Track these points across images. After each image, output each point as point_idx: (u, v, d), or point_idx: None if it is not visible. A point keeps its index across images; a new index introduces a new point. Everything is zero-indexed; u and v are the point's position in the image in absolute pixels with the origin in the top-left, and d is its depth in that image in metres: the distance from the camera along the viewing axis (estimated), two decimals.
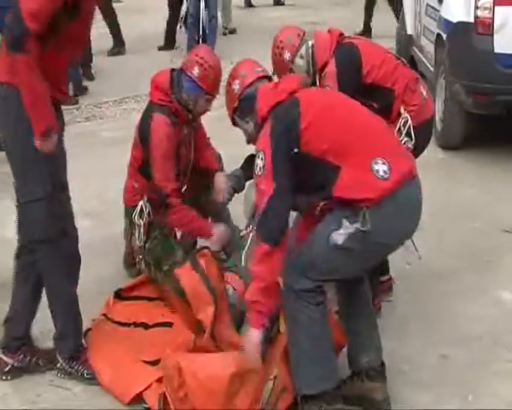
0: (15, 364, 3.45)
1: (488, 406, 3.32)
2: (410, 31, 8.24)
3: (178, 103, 4.02)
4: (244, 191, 4.33)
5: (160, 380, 3.27)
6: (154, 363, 3.40)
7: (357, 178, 2.95)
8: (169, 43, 10.10)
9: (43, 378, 3.47)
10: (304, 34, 4.03)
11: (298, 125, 2.99)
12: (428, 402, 3.34)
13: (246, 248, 4.03)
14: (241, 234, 4.30)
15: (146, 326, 3.76)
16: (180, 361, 3.10)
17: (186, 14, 9.64)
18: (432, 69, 6.92)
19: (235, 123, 3.41)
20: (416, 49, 7.92)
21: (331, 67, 3.84)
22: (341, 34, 3.97)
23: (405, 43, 8.42)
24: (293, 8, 13.24)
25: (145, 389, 3.29)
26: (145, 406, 3.27)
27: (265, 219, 3.00)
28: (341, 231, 2.94)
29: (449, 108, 6.24)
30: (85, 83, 8.54)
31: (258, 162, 3.02)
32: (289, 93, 3.11)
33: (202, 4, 9.41)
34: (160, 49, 9.94)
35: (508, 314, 4.04)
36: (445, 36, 6.27)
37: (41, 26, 2.97)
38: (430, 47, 6.94)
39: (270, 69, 3.97)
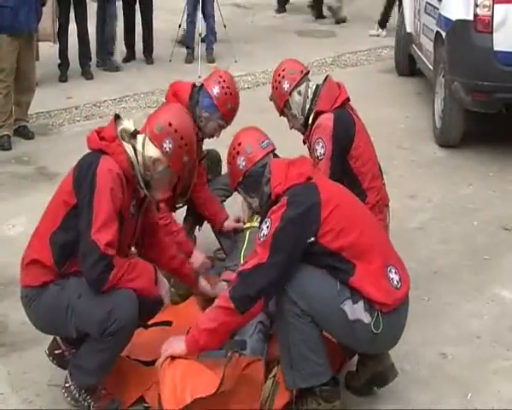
0: (66, 354, 3.39)
1: (487, 404, 3.33)
2: (409, 29, 8.23)
3: (193, 119, 4.03)
4: None
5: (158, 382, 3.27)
6: (154, 362, 3.40)
7: (375, 281, 2.98)
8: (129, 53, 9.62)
9: (42, 378, 3.47)
10: (307, 72, 4.08)
11: (318, 216, 2.96)
12: (428, 400, 3.35)
13: (244, 246, 4.04)
14: (239, 233, 4.32)
15: (145, 326, 3.76)
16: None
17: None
18: (431, 67, 6.91)
19: (237, 191, 3.36)
20: (415, 48, 7.91)
21: (328, 122, 3.85)
22: (348, 99, 4.00)
23: (404, 42, 8.41)
24: (292, 8, 13.19)
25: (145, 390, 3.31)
26: (145, 405, 3.28)
27: (244, 282, 2.95)
28: (356, 308, 2.96)
29: (448, 106, 6.23)
30: (84, 82, 8.56)
31: (263, 227, 2.99)
32: (307, 177, 3.09)
33: (200, 3, 9.37)
34: (124, 61, 9.46)
35: (507, 313, 4.04)
36: (444, 34, 6.27)
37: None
38: (429, 45, 6.93)
39: (267, 72, 3.94)
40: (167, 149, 3.09)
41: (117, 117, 3.20)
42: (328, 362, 3.08)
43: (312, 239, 2.95)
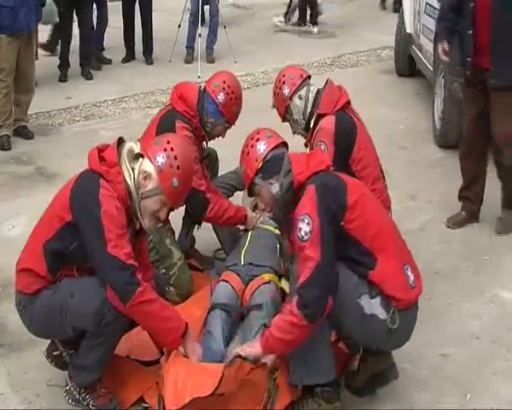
0: (64, 354, 3.39)
1: (487, 404, 3.34)
2: (409, 29, 8.23)
3: (199, 121, 4.06)
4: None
5: (158, 383, 3.26)
6: (155, 362, 3.40)
7: (395, 277, 2.99)
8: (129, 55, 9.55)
9: (42, 378, 3.47)
10: (307, 77, 4.10)
11: (346, 199, 2.97)
12: (428, 401, 3.35)
13: (246, 246, 4.04)
14: (240, 233, 4.32)
15: None
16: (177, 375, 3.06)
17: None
18: (431, 68, 6.92)
19: (252, 187, 3.23)
20: (415, 48, 7.92)
21: (330, 125, 3.88)
22: (349, 102, 4.02)
23: (404, 42, 8.42)
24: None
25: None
26: (144, 405, 3.28)
27: (310, 290, 2.86)
28: (373, 303, 2.96)
29: (448, 107, 6.23)
30: (84, 82, 8.56)
31: (303, 227, 2.91)
32: (328, 166, 3.09)
33: (203, 3, 9.37)
34: (123, 61, 9.46)
35: (507, 314, 4.05)
36: None
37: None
38: (429, 46, 6.93)
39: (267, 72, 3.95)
40: (159, 164, 3.04)
41: (120, 140, 3.17)
42: (334, 362, 3.09)
43: (342, 223, 2.95)
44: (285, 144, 3.31)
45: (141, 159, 3.09)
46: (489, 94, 4.68)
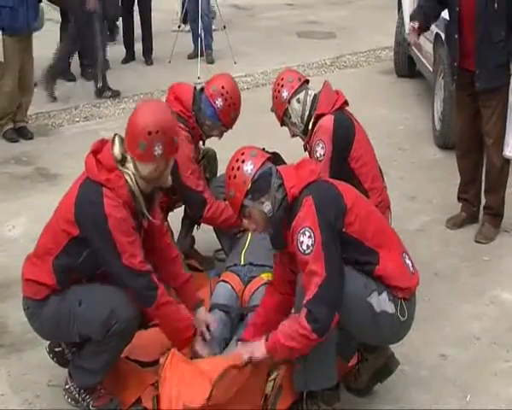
0: (66, 351, 3.41)
1: (486, 405, 3.34)
2: (408, 30, 8.22)
3: (196, 121, 4.06)
4: None
5: (154, 384, 3.28)
6: (154, 363, 3.40)
7: (397, 267, 3.03)
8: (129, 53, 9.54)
9: (42, 379, 3.47)
10: (305, 81, 4.10)
11: (344, 203, 2.97)
12: (427, 401, 3.36)
13: (246, 246, 4.04)
14: (238, 235, 4.31)
15: (146, 326, 3.75)
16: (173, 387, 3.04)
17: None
18: (430, 69, 6.92)
19: (242, 211, 3.08)
20: (415, 49, 7.91)
21: (328, 123, 3.89)
22: (347, 102, 4.04)
23: (404, 43, 8.41)
24: (291, 8, 13.22)
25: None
26: (143, 405, 3.28)
27: (317, 306, 2.84)
28: (381, 299, 2.97)
29: (447, 108, 6.23)
30: (84, 83, 8.55)
31: (305, 240, 2.89)
32: (319, 174, 3.08)
33: (200, 4, 9.34)
34: (123, 62, 9.43)
35: (506, 314, 4.05)
36: (444, 35, 6.26)
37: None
38: (429, 46, 6.92)
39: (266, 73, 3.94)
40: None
41: (114, 137, 3.13)
42: (336, 367, 3.08)
43: (344, 229, 2.96)
44: (270, 159, 3.14)
45: (129, 158, 3.04)
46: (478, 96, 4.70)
